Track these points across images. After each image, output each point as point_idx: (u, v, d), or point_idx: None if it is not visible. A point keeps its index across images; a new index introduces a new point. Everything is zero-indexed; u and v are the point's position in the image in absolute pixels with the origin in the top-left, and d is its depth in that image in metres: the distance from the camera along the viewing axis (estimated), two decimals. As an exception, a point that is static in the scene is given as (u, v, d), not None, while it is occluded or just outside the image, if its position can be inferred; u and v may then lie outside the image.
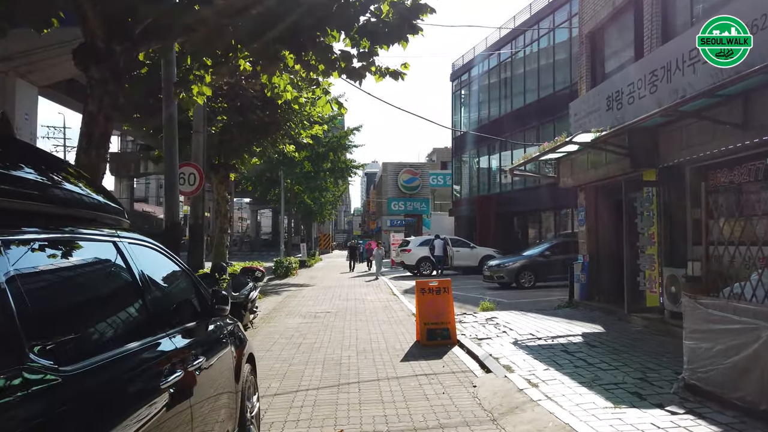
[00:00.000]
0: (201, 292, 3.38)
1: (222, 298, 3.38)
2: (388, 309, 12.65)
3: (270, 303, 14.67)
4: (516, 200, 24.53)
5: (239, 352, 3.69)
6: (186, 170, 11.81)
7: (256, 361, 4.41)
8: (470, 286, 18.03)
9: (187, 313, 3.00)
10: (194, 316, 3.10)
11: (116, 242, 2.42)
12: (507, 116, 26.32)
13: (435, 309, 8.16)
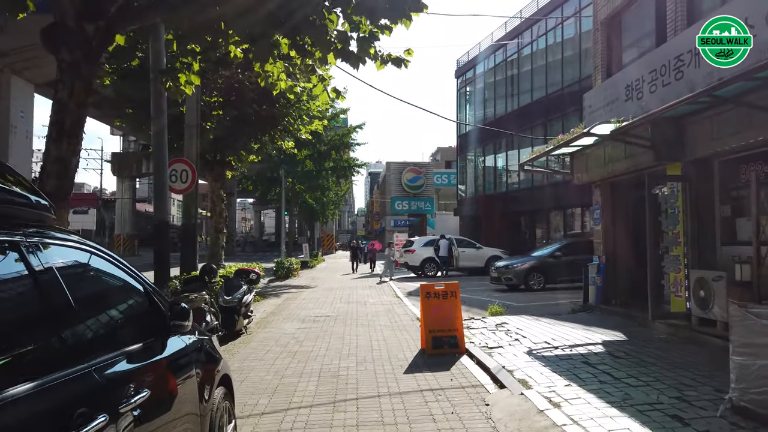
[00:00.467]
0: (157, 305, 2.74)
1: (180, 313, 2.74)
2: (391, 313, 12.02)
3: (268, 306, 14.06)
4: (523, 199, 23.85)
5: (207, 375, 3.06)
6: (178, 167, 11.21)
7: (235, 381, 3.79)
8: (477, 288, 17.36)
9: (131, 334, 2.37)
10: (143, 335, 2.47)
11: (19, 243, 1.80)
12: (513, 113, 25.64)
13: (441, 315, 7.52)
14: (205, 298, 7.32)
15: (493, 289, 16.53)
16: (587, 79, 20.05)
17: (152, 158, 9.71)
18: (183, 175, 11.21)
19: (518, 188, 24.98)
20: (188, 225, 11.63)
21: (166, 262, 9.55)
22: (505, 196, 25.82)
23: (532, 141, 23.87)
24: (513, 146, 25.74)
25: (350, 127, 26.59)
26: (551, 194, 21.82)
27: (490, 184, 28.03)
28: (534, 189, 23.53)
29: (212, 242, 13.12)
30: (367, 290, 17.63)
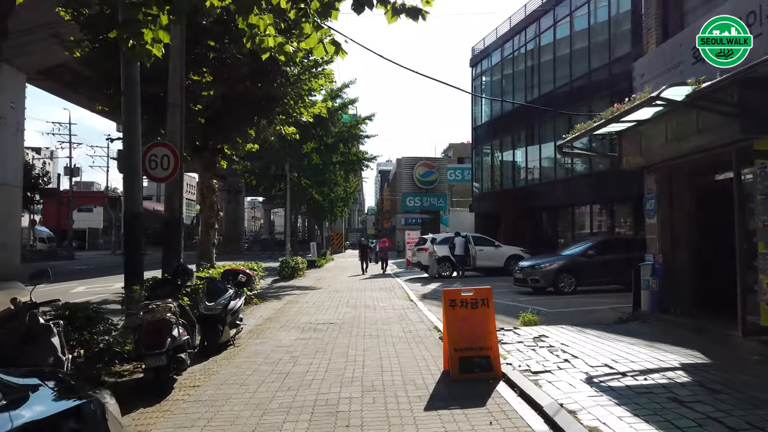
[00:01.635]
0: None
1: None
2: (405, 320, 10.42)
3: (265, 310, 12.53)
4: (545, 194, 22.13)
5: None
6: (158, 152, 9.70)
7: None
8: (499, 290, 15.68)
9: None
10: None
11: None
12: (534, 102, 23.87)
13: (470, 329, 5.91)
14: (170, 307, 5.79)
15: (517, 291, 14.86)
16: (618, 62, 18.31)
17: (123, 139, 8.20)
18: (164, 160, 9.70)
19: (540, 182, 23.24)
20: (171, 220, 10.12)
21: (138, 263, 8.04)
22: (525, 191, 24.09)
23: (554, 131, 22.15)
24: (533, 138, 24.01)
25: (359, 117, 25.03)
26: (576, 188, 20.09)
27: (508, 178, 26.32)
28: (557, 183, 21.80)
29: (202, 239, 11.63)
30: (376, 292, 16.06)
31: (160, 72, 10.49)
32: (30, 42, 21.19)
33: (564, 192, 20.68)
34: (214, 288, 8.16)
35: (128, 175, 8.21)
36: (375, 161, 26.19)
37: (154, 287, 6.73)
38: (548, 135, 22.75)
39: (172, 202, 10.19)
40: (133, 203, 8.18)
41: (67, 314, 5.82)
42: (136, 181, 8.24)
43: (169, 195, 10.25)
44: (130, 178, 8.21)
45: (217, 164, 12.15)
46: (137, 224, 8.19)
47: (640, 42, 17.94)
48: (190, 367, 6.77)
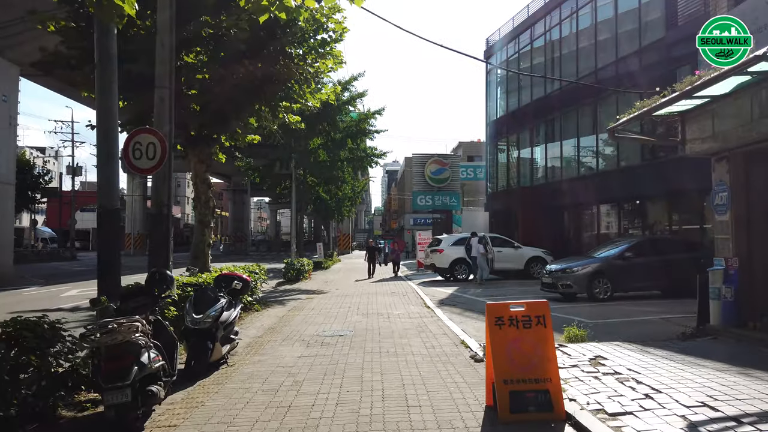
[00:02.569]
0: None
1: None
2: (425, 332, 9.11)
3: (267, 318, 11.27)
4: (567, 192, 20.73)
5: None
6: (143, 139, 8.47)
7: None
8: (523, 295, 14.36)
9: None
10: None
11: None
12: (555, 94, 22.49)
13: (523, 355, 4.60)
14: (136, 325, 4.49)
15: (545, 297, 13.49)
16: (650, 48, 16.91)
17: (97, 122, 6.94)
18: (149, 149, 8.45)
19: (561, 179, 21.83)
20: (158, 216, 8.88)
21: (114, 266, 6.78)
22: (544, 188, 22.70)
23: (578, 125, 20.75)
24: (554, 132, 22.61)
25: (368, 111, 23.75)
26: (603, 185, 18.70)
27: (526, 175, 24.94)
28: (580, 180, 20.39)
29: (196, 240, 10.38)
30: (388, 297, 14.76)
31: (148, 49, 9.26)
32: (23, 31, 20.11)
33: (588, 189, 19.28)
34: (204, 297, 6.89)
35: (104, 164, 6.94)
36: (385, 157, 24.97)
37: (126, 298, 5.45)
38: (570, 129, 21.36)
39: (159, 197, 8.94)
40: (109, 197, 6.91)
41: (5, 335, 4.55)
42: (113, 172, 6.98)
43: (156, 188, 8.99)
44: (107, 169, 6.94)
45: (213, 156, 10.89)
46: (113, 222, 6.93)
47: (675, 25, 16.54)
48: (172, 395, 5.51)
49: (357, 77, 24.16)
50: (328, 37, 10.36)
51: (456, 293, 15.64)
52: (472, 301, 13.53)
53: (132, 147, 8.57)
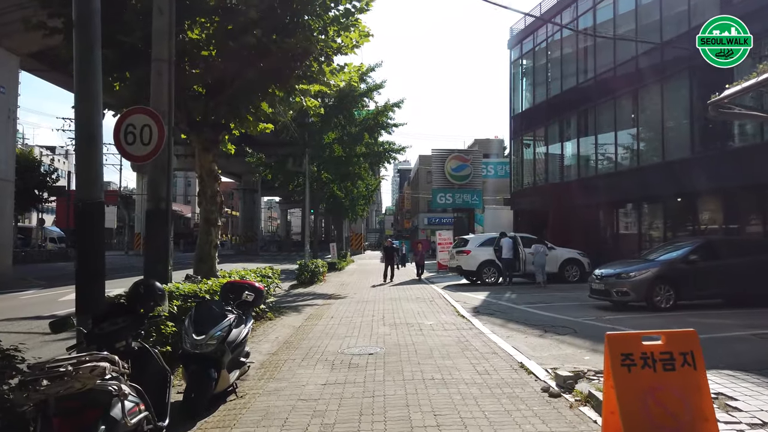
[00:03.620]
0: None
1: None
2: (469, 349, 7.68)
3: (282, 329, 9.91)
4: (603, 188, 19.17)
5: None
6: (137, 120, 7.16)
7: None
8: (568, 303, 12.89)
9: None
10: None
11: None
12: (587, 84, 20.91)
13: (665, 409, 3.15)
14: (102, 367, 3.06)
15: (595, 305, 12.00)
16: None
17: (75, 94, 5.56)
18: (144, 132, 7.14)
19: (596, 174, 20.25)
20: (155, 212, 7.54)
21: (97, 274, 5.39)
22: (578, 184, 21.13)
23: (615, 116, 19.17)
24: (588, 124, 21.03)
25: (386, 103, 22.33)
26: (647, 179, 17.12)
27: (555, 171, 23.36)
28: (618, 176, 18.82)
29: (201, 240, 9.03)
30: (414, 304, 13.34)
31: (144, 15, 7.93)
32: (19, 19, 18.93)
33: (627, 185, 17.71)
34: (207, 312, 5.51)
35: (84, 148, 5.55)
36: (404, 152, 23.52)
37: (101, 319, 4.08)
38: (607, 120, 19.77)
39: (156, 190, 7.60)
40: (89, 188, 5.51)
41: None
42: (95, 158, 5.58)
43: (153, 179, 7.65)
44: (87, 153, 5.54)
45: (221, 145, 9.54)
46: (95, 218, 5.54)
47: (729, 2, 14.91)
48: (162, 446, 4.13)
49: (374, 68, 22.77)
50: (352, 6, 8.98)
51: (488, 299, 14.18)
52: (510, 309, 12.06)
53: (123, 130, 7.24)
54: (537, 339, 8.45)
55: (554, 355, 7.30)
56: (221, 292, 6.59)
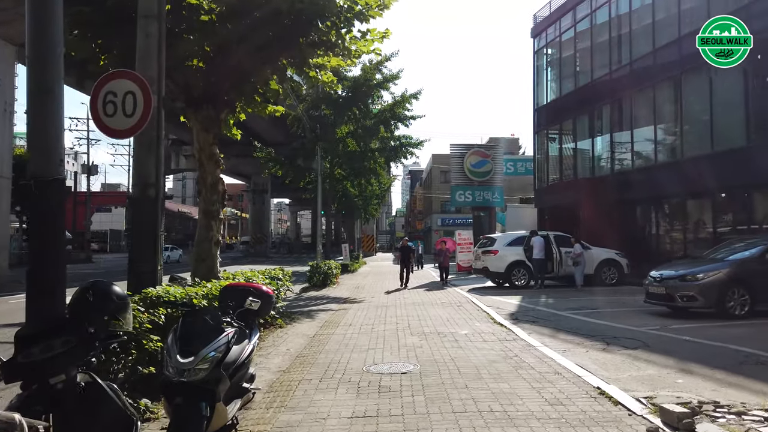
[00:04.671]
0: None
1: None
2: (522, 367, 6.28)
3: (293, 339, 8.57)
4: (641, 183, 17.65)
5: None
6: (118, 86, 5.90)
7: None
8: (616, 309, 11.41)
9: None
10: None
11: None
12: (620, 72, 19.39)
13: None
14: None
15: (648, 311, 10.51)
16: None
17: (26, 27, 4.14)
18: (127, 102, 5.87)
19: (633, 168, 18.70)
20: (142, 201, 6.21)
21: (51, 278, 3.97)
22: (611, 180, 19.59)
23: (654, 104, 17.64)
24: (622, 115, 19.50)
25: (404, 94, 20.98)
26: (690, 174, 15.58)
27: (585, 166, 21.83)
28: (658, 169, 17.28)
29: (200, 236, 7.68)
30: (440, 309, 11.94)
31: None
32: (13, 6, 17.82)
33: (671, 178, 16.17)
34: (198, 326, 4.13)
35: (37, 103, 4.19)
36: (422, 147, 22.14)
37: (27, 341, 2.72)
38: (645, 109, 18.26)
39: (143, 173, 6.28)
40: (44, 158, 4.15)
41: None
42: (51, 116, 4.20)
43: (138, 160, 6.32)
44: (41, 110, 4.18)
45: (223, 125, 8.20)
46: (52, 202, 4.16)
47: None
48: None
49: (390, 57, 21.44)
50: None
51: (524, 304, 12.73)
52: (554, 317, 10.61)
53: (102, 99, 5.96)
54: (602, 354, 7.00)
55: (635, 377, 5.86)
56: (219, 297, 5.24)
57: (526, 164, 34.84)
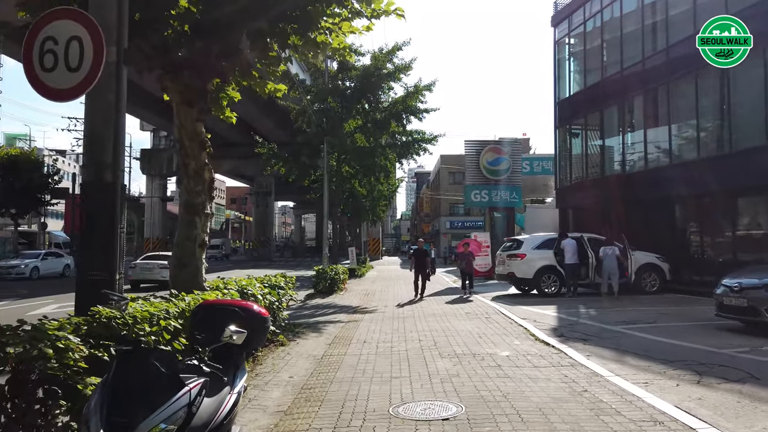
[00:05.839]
0: None
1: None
2: (603, 410, 4.68)
3: (297, 363, 6.98)
4: (680, 179, 15.96)
5: None
6: (60, 30, 4.43)
7: None
8: (677, 323, 9.74)
9: None
10: None
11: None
12: (659, 59, 17.74)
13: None
14: None
15: (722, 326, 8.84)
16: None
17: None
18: (71, 51, 4.38)
19: (670, 163, 17.01)
20: (96, 186, 4.63)
21: None
22: (643, 177, 17.91)
23: (697, 91, 15.98)
24: (658, 105, 17.84)
25: (417, 84, 19.40)
26: (741, 169, 13.91)
27: (615, 161, 20.15)
28: (702, 163, 15.59)
29: (180, 236, 6.07)
30: (466, 322, 10.32)
31: None
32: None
33: (718, 174, 14.49)
34: (141, 377, 2.54)
35: None
36: (436, 142, 20.53)
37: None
38: (684, 98, 16.58)
39: (97, 151, 4.70)
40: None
41: None
42: None
43: (91, 132, 4.76)
44: None
45: (210, 97, 6.61)
46: None
47: None
48: None
49: (401, 47, 19.88)
50: None
51: (562, 316, 11.08)
52: (607, 333, 8.95)
53: (38, 47, 4.47)
54: (702, 390, 5.36)
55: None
56: (193, 319, 3.65)
57: (543, 163, 33.15)
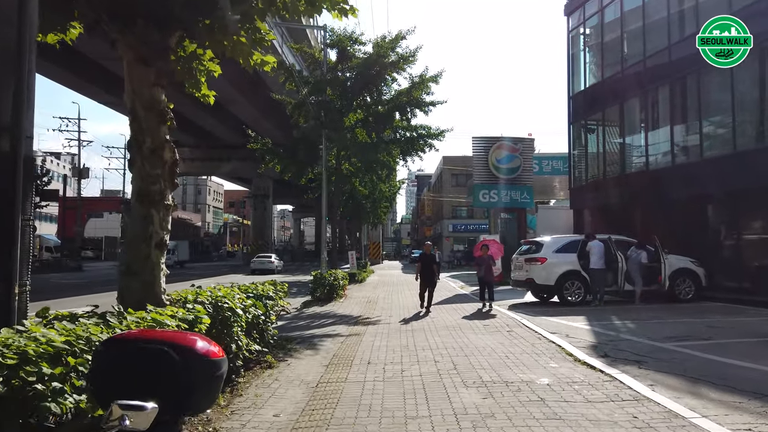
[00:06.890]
0: None
1: None
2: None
3: (287, 395, 5.52)
4: (715, 175, 14.53)
5: None
6: None
7: None
8: (735, 340, 8.29)
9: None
10: None
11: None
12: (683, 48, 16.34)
13: None
14: None
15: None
16: None
17: None
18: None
19: (701, 158, 15.57)
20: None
21: None
22: (669, 174, 16.50)
23: (732, 79, 14.56)
24: (686, 95, 16.44)
25: (423, 75, 18.01)
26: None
27: (637, 158, 18.74)
28: (737, 157, 14.16)
29: (130, 234, 4.61)
30: (486, 336, 8.88)
31: None
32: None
33: (754, 170, 13.07)
34: None
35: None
36: (443, 138, 19.09)
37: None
38: (714, 87, 15.20)
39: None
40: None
41: None
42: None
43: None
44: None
45: (173, 54, 5.17)
46: None
47: None
48: None
49: (405, 35, 18.51)
50: None
51: (597, 329, 9.60)
52: (661, 353, 7.48)
53: None
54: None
55: None
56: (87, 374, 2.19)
57: (553, 162, 31.70)
